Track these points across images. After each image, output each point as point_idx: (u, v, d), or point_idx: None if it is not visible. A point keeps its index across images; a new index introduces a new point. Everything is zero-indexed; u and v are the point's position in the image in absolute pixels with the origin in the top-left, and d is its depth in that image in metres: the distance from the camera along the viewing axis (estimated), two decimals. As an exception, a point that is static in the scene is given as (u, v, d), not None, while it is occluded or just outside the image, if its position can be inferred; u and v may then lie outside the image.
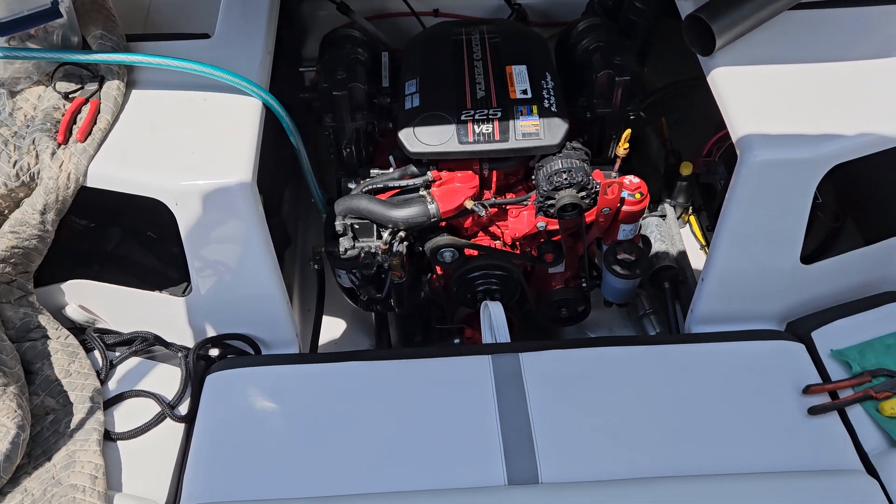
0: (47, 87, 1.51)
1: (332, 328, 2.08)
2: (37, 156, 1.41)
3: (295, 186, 2.12)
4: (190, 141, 1.43)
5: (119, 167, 1.42)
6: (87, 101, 1.47)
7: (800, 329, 1.48)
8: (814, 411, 1.33)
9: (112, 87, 1.48)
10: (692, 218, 2.07)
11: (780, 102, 1.43)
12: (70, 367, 1.42)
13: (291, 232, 2.06)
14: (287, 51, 1.88)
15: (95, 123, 1.44)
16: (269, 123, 1.52)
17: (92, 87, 1.48)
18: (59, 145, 1.42)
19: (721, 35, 1.47)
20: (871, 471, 1.27)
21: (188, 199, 1.39)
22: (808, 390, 1.36)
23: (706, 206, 2.04)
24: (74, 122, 1.45)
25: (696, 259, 1.96)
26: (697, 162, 1.95)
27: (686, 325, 1.62)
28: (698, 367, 1.41)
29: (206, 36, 1.60)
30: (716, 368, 1.41)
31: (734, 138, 1.40)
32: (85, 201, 1.45)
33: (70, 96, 1.48)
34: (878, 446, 1.30)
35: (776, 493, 1.22)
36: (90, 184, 1.42)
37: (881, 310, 1.48)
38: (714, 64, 1.50)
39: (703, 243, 2.04)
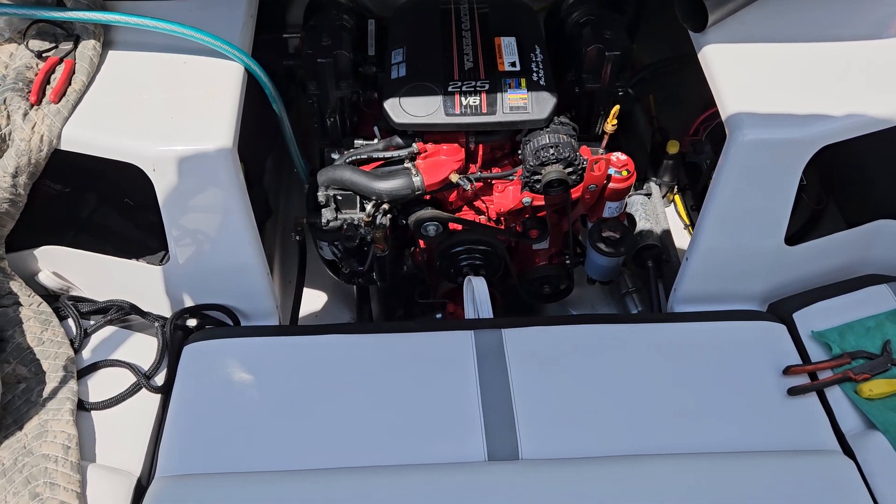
0: (20, 45, 1.45)
1: (313, 301, 2.06)
2: (8, 116, 1.37)
3: (277, 156, 2.08)
4: (168, 105, 1.39)
5: (95, 130, 1.37)
6: (61, 60, 1.42)
7: (781, 310, 1.49)
8: (793, 392, 1.33)
9: (88, 47, 1.43)
10: (677, 197, 2.07)
11: (771, 81, 1.41)
12: (43, 334, 1.39)
13: (273, 202, 2.02)
14: (271, 16, 1.83)
15: (70, 84, 1.39)
16: (252, 91, 1.48)
17: (66, 46, 1.43)
18: (32, 106, 1.37)
19: (713, 11, 1.45)
20: (848, 451, 1.28)
21: (166, 165, 1.35)
22: (788, 371, 1.36)
23: (691, 186, 2.03)
24: (48, 83, 1.40)
25: (680, 238, 1.96)
26: (684, 141, 1.94)
27: (669, 304, 1.62)
28: (680, 346, 1.42)
29: (186, -4, 1.55)
30: (697, 348, 1.41)
31: (723, 116, 1.39)
32: (59, 165, 1.41)
33: (43, 55, 1.43)
34: (854, 427, 1.31)
35: (754, 471, 1.23)
36: (64, 147, 1.38)
37: (862, 292, 1.48)
38: (705, 41, 1.48)
39: (688, 223, 2.04)
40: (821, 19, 1.52)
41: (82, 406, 1.33)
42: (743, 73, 1.43)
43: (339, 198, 1.62)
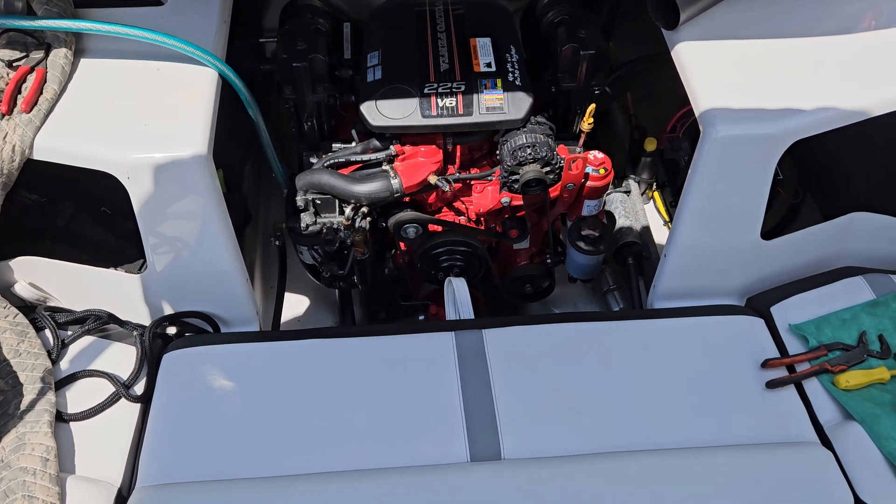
0: (-10, 54, 1.44)
1: (295, 306, 2.05)
2: (-21, 127, 1.35)
3: (256, 162, 2.07)
4: (142, 112, 1.38)
5: (67, 139, 1.36)
6: (32, 69, 1.40)
7: (759, 304, 1.50)
8: (772, 385, 1.34)
9: (59, 56, 1.42)
10: (656, 194, 2.08)
11: (744, 77, 1.43)
12: (19, 346, 1.37)
13: (253, 208, 2.01)
14: (246, 21, 1.83)
15: (41, 93, 1.38)
16: (229, 97, 1.48)
17: (37, 55, 1.42)
18: (3, 116, 1.36)
19: (685, 9, 1.47)
20: (826, 442, 1.29)
21: (141, 173, 1.34)
22: (766, 364, 1.37)
23: (670, 183, 2.05)
24: (19, 92, 1.38)
25: (660, 235, 1.97)
26: (662, 138, 1.95)
27: (649, 301, 1.63)
28: (660, 342, 1.42)
29: (158, 3, 1.55)
30: (677, 343, 1.42)
31: (697, 113, 1.40)
32: (34, 175, 1.40)
33: (14, 65, 1.41)
34: (832, 418, 1.32)
35: (734, 465, 1.24)
36: (37, 156, 1.36)
37: (838, 285, 1.50)
38: (678, 38, 1.49)
39: (667, 219, 2.06)
40: (792, 15, 1.53)
41: (60, 417, 1.32)
42: (715, 70, 1.44)
43: (318, 202, 1.62)
